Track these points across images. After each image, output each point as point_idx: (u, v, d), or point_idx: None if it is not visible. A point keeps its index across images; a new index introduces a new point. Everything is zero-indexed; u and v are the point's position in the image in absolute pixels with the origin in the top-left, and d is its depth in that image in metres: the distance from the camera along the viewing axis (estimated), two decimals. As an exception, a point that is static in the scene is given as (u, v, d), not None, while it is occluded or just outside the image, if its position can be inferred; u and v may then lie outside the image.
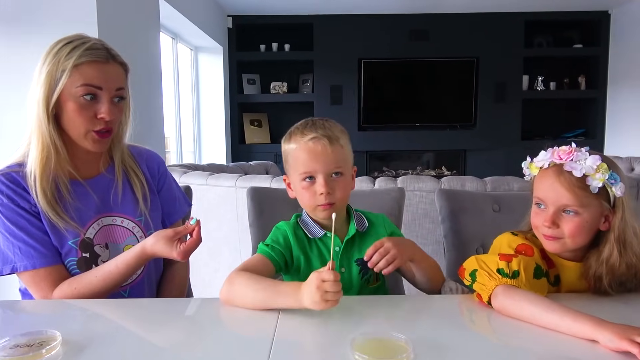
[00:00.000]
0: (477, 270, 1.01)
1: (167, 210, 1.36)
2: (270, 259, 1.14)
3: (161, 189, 1.37)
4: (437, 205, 1.39)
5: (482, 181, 2.20)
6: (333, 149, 1.11)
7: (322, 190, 1.10)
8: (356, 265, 1.19)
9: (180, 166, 3.04)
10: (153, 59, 3.42)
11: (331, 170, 1.11)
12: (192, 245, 1.14)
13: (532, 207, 1.11)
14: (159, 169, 1.39)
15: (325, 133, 1.12)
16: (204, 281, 2.86)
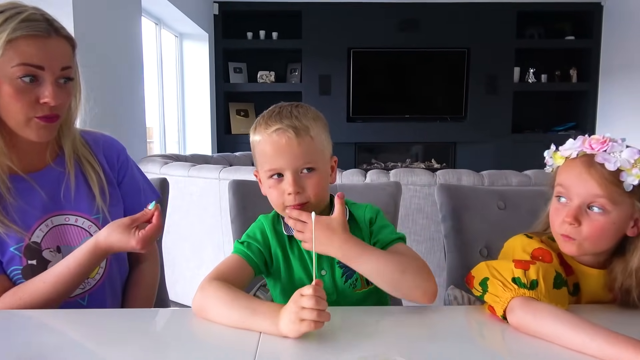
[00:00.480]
0: (488, 279, 0.89)
1: (130, 204, 1.19)
2: (248, 260, 1.01)
3: (122, 180, 1.20)
4: (438, 202, 1.28)
5: (479, 175, 2.09)
6: (300, 142, 0.96)
7: (290, 189, 0.96)
8: (338, 267, 1.04)
9: (161, 156, 2.90)
10: (134, 44, 3.26)
11: (300, 166, 0.97)
12: (151, 231, 0.99)
13: (551, 202, 0.99)
14: (119, 157, 1.21)
15: (291, 123, 0.97)
16: (185, 278, 2.74)
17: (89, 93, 1.19)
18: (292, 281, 1.05)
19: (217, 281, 0.92)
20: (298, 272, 1.04)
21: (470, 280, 0.93)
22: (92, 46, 2.62)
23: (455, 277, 1.22)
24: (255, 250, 1.03)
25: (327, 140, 1.04)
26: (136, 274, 1.22)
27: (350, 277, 1.04)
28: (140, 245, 0.97)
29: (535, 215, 1.13)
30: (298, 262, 1.05)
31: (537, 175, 2.08)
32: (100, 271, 1.11)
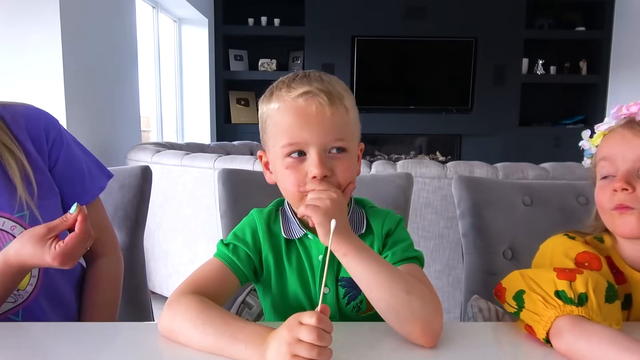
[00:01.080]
0: (524, 292, 0.73)
1: (70, 191, 0.97)
2: (232, 268, 0.82)
3: (55, 163, 0.96)
4: (455, 197, 1.13)
5: (493, 167, 1.95)
6: (334, 112, 0.76)
7: (316, 171, 0.75)
8: (341, 286, 0.84)
9: (153, 144, 2.75)
10: (127, 28, 3.11)
11: (330, 142, 0.76)
12: (72, 243, 0.78)
13: (596, 186, 0.85)
14: (48, 134, 0.96)
15: (323, 87, 0.76)
16: (178, 273, 2.60)
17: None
18: (284, 295, 0.86)
19: (189, 296, 0.73)
20: (293, 286, 0.85)
21: (501, 293, 0.78)
22: (81, 30, 2.46)
23: (475, 283, 1.08)
24: (242, 255, 0.83)
25: (358, 120, 0.85)
26: (92, 274, 1.03)
27: (354, 299, 0.85)
28: (58, 261, 0.78)
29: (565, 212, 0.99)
30: (295, 273, 0.85)
31: (554, 168, 1.94)
32: (32, 281, 0.90)
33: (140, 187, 1.25)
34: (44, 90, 2.29)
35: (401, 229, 0.87)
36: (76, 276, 1.02)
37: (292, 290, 0.85)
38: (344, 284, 0.84)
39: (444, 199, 1.98)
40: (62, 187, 0.97)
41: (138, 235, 1.25)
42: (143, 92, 3.46)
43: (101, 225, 1.03)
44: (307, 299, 0.85)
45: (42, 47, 2.28)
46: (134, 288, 1.22)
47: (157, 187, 2.50)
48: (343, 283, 0.84)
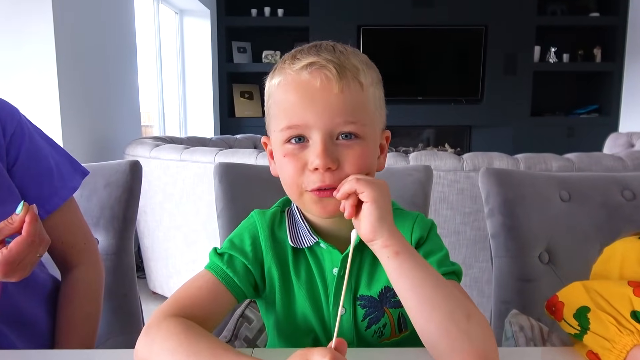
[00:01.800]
0: (589, 309, 0.60)
1: (36, 193, 0.82)
2: (227, 284, 0.68)
3: (16, 159, 0.80)
4: (483, 192, 1.00)
5: (513, 159, 1.82)
6: (344, 88, 0.61)
7: (317, 161, 0.61)
8: (360, 307, 0.70)
9: (152, 139, 2.63)
10: (125, 20, 2.99)
11: (337, 126, 0.62)
12: (17, 248, 0.65)
13: None
14: (5, 125, 0.79)
15: (334, 58, 0.62)
16: (179, 272, 2.49)
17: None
18: (291, 315, 0.72)
19: (171, 319, 0.60)
20: (302, 305, 0.71)
21: (556, 308, 0.64)
22: (75, 21, 2.35)
23: (507, 291, 0.95)
24: (239, 268, 0.69)
25: (382, 101, 0.70)
26: (67, 286, 0.89)
27: (376, 322, 0.70)
28: (1, 270, 0.64)
29: (609, 208, 0.86)
30: (304, 289, 0.70)
31: (580, 158, 1.80)
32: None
33: (129, 184, 1.12)
34: (36, 84, 2.18)
35: (434, 235, 0.72)
36: (45, 291, 0.89)
37: (300, 309, 0.71)
38: (363, 303, 0.70)
39: (460, 193, 1.85)
40: (26, 189, 0.81)
41: (127, 237, 1.13)
42: (145, 86, 3.35)
43: (76, 230, 0.90)
44: (319, 320, 0.71)
45: (34, 39, 2.17)
46: (122, 296, 1.10)
47: (157, 183, 2.39)
48: (363, 302, 0.70)
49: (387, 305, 0.70)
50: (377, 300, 0.70)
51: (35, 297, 0.86)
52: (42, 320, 0.86)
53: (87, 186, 1.03)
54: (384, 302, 0.70)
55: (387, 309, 0.70)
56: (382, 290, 0.70)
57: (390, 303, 0.70)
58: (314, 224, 0.71)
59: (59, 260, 0.91)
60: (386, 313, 0.70)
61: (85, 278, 0.91)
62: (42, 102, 2.19)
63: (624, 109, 5.37)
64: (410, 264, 0.59)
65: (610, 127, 5.24)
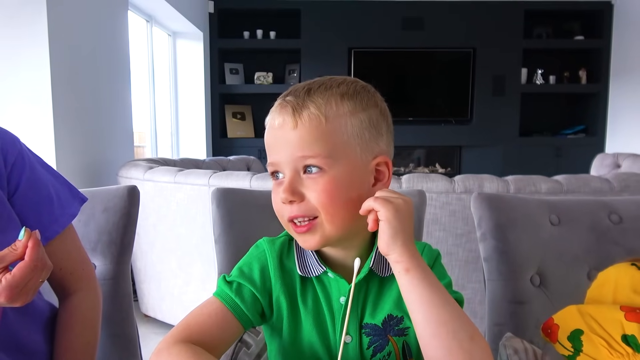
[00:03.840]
0: (582, 332, 0.63)
1: (36, 221, 0.83)
2: (236, 313, 0.69)
3: (17, 187, 0.81)
4: (475, 217, 1.02)
5: (503, 181, 1.85)
6: (300, 124, 0.65)
7: (282, 195, 0.66)
8: (365, 335, 0.72)
9: (146, 160, 2.64)
10: (119, 42, 3.02)
11: (298, 159, 0.66)
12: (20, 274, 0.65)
13: None
14: (7, 154, 0.80)
15: (295, 99, 0.67)
16: (172, 295, 2.48)
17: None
18: (297, 342, 0.73)
19: (181, 345, 0.62)
20: (308, 332, 0.72)
21: (552, 330, 0.66)
22: (70, 42, 2.37)
23: (500, 314, 0.96)
24: (248, 297, 0.71)
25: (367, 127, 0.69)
26: (65, 313, 0.89)
27: (381, 350, 0.71)
28: (5, 296, 0.65)
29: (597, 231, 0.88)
30: (311, 316, 0.72)
31: (568, 180, 1.84)
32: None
33: (127, 209, 1.14)
34: (31, 107, 2.19)
35: (439, 265, 0.76)
36: (44, 318, 0.89)
37: (306, 337, 0.72)
38: (368, 331, 0.72)
39: (452, 215, 1.88)
40: (26, 217, 0.82)
41: (124, 262, 1.13)
42: (137, 107, 3.36)
43: (74, 256, 0.91)
44: (325, 347, 0.72)
45: (29, 63, 2.19)
46: (119, 321, 1.10)
47: (150, 205, 2.39)
48: (367, 330, 0.72)
49: (390, 334, 0.72)
50: (381, 328, 0.72)
51: (33, 323, 0.86)
52: (41, 348, 0.86)
53: (84, 211, 1.04)
54: (387, 330, 0.72)
55: (391, 337, 0.72)
56: (385, 319, 0.72)
57: (394, 331, 0.72)
58: (322, 253, 0.73)
59: (57, 287, 0.91)
60: (390, 341, 0.71)
61: (83, 304, 0.91)
62: (36, 126, 2.19)
63: (610, 129, 5.47)
64: (420, 281, 0.61)
65: (597, 146, 5.33)
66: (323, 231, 0.67)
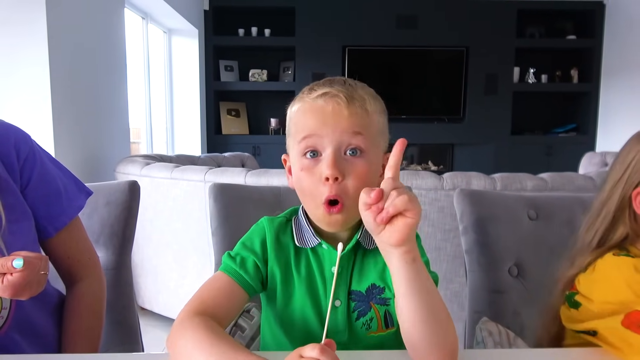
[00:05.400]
0: None
1: (45, 212, 0.90)
2: (241, 283, 0.78)
3: (29, 181, 0.88)
4: (458, 211, 1.08)
5: (490, 178, 1.91)
6: (352, 112, 0.74)
7: (328, 171, 0.72)
8: (352, 300, 0.80)
9: (142, 157, 2.69)
10: (116, 39, 3.06)
11: (345, 140, 0.73)
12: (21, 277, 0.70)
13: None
14: (19, 152, 0.87)
15: (344, 89, 0.75)
16: (169, 288, 2.53)
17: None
18: (290, 307, 0.81)
19: (199, 317, 0.70)
20: (301, 298, 0.80)
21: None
22: (69, 40, 2.41)
23: (480, 302, 1.03)
24: (251, 267, 0.79)
25: (385, 128, 0.81)
26: (72, 299, 0.95)
27: (364, 315, 0.80)
28: (10, 292, 0.70)
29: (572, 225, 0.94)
30: (304, 284, 0.80)
31: (553, 178, 1.90)
32: (3, 313, 0.83)
33: (128, 203, 1.19)
34: (30, 104, 2.23)
35: (420, 247, 0.80)
36: (52, 303, 0.95)
37: (299, 302, 0.81)
38: (354, 297, 0.80)
39: (440, 211, 1.94)
40: (37, 209, 0.89)
41: (125, 253, 1.19)
42: (133, 103, 3.40)
43: (81, 246, 0.97)
44: (316, 311, 0.80)
45: (29, 60, 2.22)
46: (121, 309, 1.16)
47: (147, 200, 2.43)
48: (354, 297, 0.80)
49: (373, 301, 0.80)
50: (364, 295, 0.80)
51: (43, 308, 0.92)
52: (50, 331, 0.92)
53: (88, 205, 1.09)
54: (370, 297, 0.80)
55: (373, 305, 0.80)
56: (369, 287, 0.80)
57: (376, 299, 0.80)
58: (317, 229, 0.81)
59: (65, 274, 0.97)
60: (372, 308, 0.79)
61: (89, 291, 0.97)
62: (35, 123, 2.23)
63: (601, 127, 5.54)
64: (422, 271, 0.67)
65: (588, 145, 5.40)
66: (348, 213, 0.74)
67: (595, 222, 0.83)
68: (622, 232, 0.81)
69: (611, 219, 0.82)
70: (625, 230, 0.81)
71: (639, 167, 0.79)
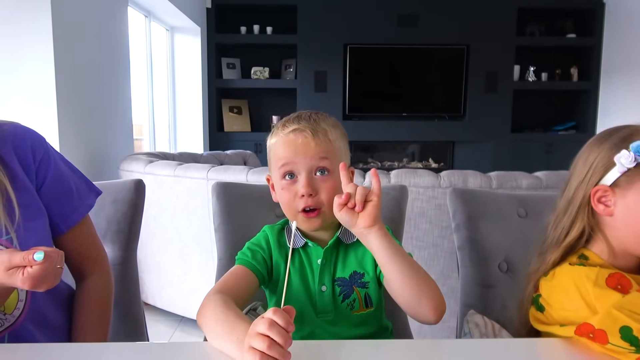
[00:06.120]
0: (631, 329, 0.71)
1: (59, 211, 0.96)
2: (252, 270, 0.97)
3: (43, 182, 0.94)
4: (450, 209, 1.13)
5: (486, 176, 1.95)
6: (317, 142, 0.94)
7: (303, 190, 0.93)
8: (337, 285, 0.99)
9: (146, 154, 2.73)
10: (119, 37, 3.10)
11: (314, 165, 0.94)
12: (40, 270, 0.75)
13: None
14: (35, 153, 0.93)
15: (309, 125, 0.96)
16: (172, 283, 2.58)
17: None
18: (288, 294, 0.99)
19: (220, 294, 0.86)
20: (296, 286, 1.00)
21: (597, 337, 0.74)
22: (73, 38, 2.46)
23: (471, 296, 1.07)
24: (259, 258, 0.99)
25: (345, 149, 1.01)
26: (82, 293, 1.01)
27: (348, 297, 0.99)
28: (29, 284, 0.74)
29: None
30: (298, 274, 1.00)
31: (548, 177, 1.94)
32: (19, 305, 0.88)
33: (134, 200, 1.24)
34: (36, 102, 2.28)
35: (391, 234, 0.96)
36: (64, 297, 1.01)
37: (295, 290, 0.99)
38: (339, 283, 0.99)
39: (438, 208, 1.98)
40: (50, 207, 0.95)
41: (131, 249, 1.24)
42: (136, 100, 3.44)
43: (90, 242, 1.03)
44: (307, 295, 0.99)
45: (34, 58, 2.27)
46: (127, 303, 1.21)
47: (150, 197, 2.48)
48: (339, 282, 0.99)
49: (355, 285, 0.99)
50: (348, 280, 0.98)
51: (55, 302, 0.97)
52: (61, 323, 0.98)
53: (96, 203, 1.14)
54: (352, 282, 0.99)
55: (355, 288, 0.99)
56: (351, 274, 0.99)
57: (358, 283, 0.99)
58: (303, 232, 1.01)
59: (75, 270, 1.02)
60: (355, 291, 0.98)
61: (97, 285, 1.02)
62: (40, 121, 2.28)
63: (600, 125, 5.57)
64: (392, 241, 0.86)
65: (588, 143, 5.43)
66: (325, 217, 0.95)
67: (562, 219, 0.89)
68: (579, 228, 0.88)
69: (574, 216, 0.88)
70: (582, 225, 0.88)
71: (599, 168, 0.85)
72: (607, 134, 0.89)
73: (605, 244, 0.86)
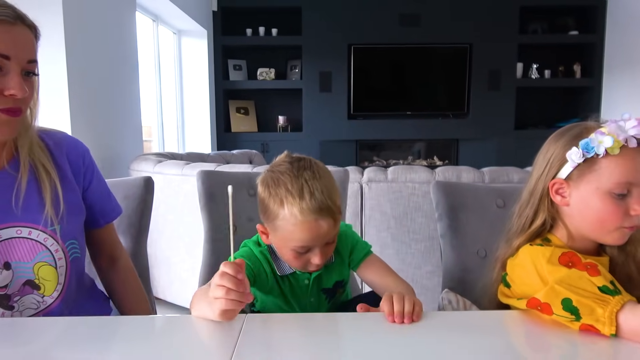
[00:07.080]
0: (571, 300, 0.80)
1: (101, 207, 1.15)
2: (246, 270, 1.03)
3: (89, 185, 1.12)
4: (434, 200, 1.22)
5: (479, 172, 2.03)
6: (335, 225, 0.99)
7: (318, 261, 1.00)
8: (323, 293, 1.14)
9: (155, 155, 2.84)
10: (128, 41, 3.21)
11: (328, 241, 1.02)
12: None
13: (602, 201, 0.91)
14: (84, 160, 1.11)
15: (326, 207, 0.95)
16: (181, 279, 2.68)
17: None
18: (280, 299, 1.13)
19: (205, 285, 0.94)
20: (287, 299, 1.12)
21: (544, 309, 0.84)
22: (84, 43, 2.57)
23: (451, 279, 1.17)
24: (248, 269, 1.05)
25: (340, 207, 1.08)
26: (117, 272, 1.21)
27: (332, 297, 1.15)
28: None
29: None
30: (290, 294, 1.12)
31: (539, 172, 2.02)
32: (58, 287, 1.02)
33: (143, 197, 1.34)
34: (49, 104, 2.37)
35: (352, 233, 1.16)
36: (89, 286, 1.19)
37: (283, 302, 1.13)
38: (325, 291, 1.14)
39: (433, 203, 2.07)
40: (94, 205, 1.12)
41: (142, 241, 1.35)
42: (145, 102, 3.55)
43: (115, 238, 1.24)
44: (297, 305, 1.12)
45: (47, 62, 2.37)
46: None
47: (159, 196, 2.59)
48: (324, 291, 1.14)
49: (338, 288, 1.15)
50: (332, 288, 1.13)
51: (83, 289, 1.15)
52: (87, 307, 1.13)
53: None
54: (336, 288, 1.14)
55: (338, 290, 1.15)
56: (335, 283, 1.14)
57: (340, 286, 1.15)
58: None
59: (107, 255, 1.21)
60: (337, 292, 1.15)
61: (127, 265, 1.23)
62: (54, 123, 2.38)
63: (604, 122, 5.59)
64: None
65: (591, 139, 5.46)
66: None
67: (525, 209, 0.98)
68: (542, 217, 0.97)
69: (536, 206, 0.97)
70: (544, 215, 0.97)
71: (555, 162, 0.94)
72: (563, 132, 0.98)
73: (565, 230, 0.95)
